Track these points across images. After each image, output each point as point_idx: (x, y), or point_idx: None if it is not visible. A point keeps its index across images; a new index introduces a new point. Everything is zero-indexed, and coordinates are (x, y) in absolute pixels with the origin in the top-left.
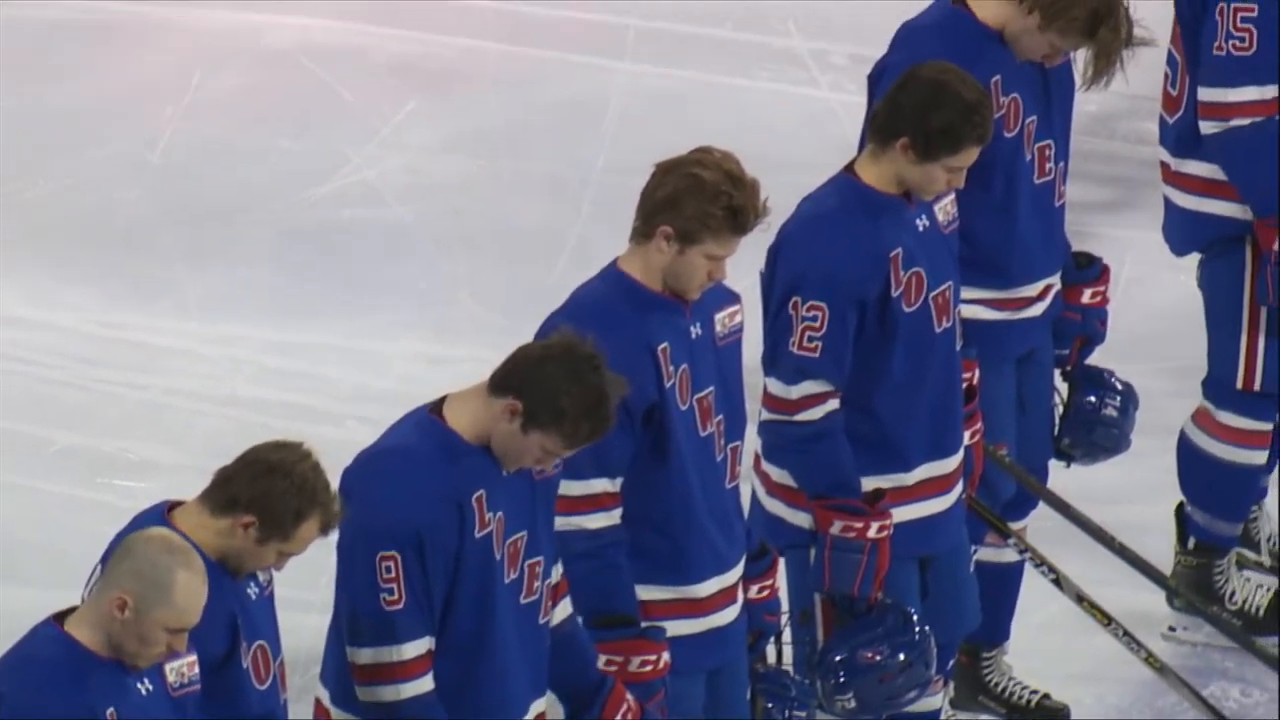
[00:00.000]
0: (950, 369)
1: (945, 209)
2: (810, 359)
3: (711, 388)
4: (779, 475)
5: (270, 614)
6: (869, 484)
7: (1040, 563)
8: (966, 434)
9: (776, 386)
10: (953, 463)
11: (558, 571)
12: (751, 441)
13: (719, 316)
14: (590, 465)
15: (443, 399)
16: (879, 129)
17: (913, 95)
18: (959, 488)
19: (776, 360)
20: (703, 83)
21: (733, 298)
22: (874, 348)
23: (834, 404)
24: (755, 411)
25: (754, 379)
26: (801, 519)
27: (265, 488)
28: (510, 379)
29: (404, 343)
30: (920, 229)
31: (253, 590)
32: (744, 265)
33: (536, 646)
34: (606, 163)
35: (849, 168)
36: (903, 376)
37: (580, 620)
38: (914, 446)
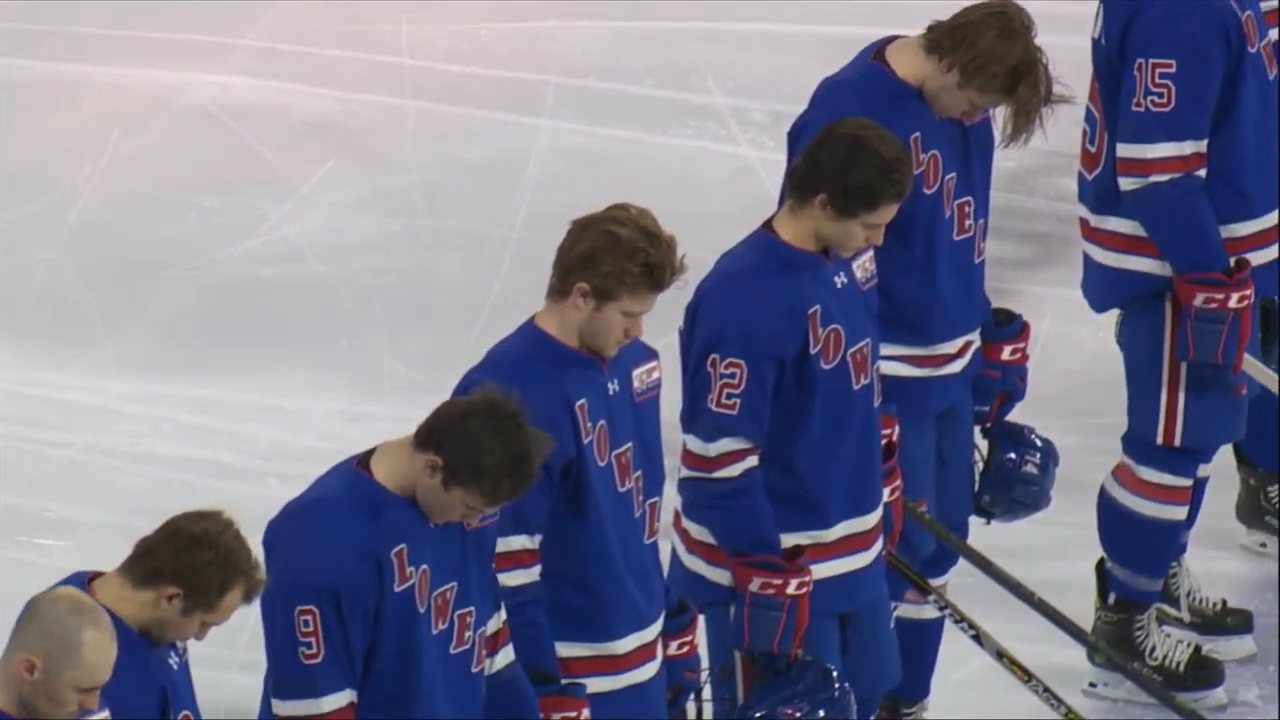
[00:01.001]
0: (869, 426)
1: (863, 266)
2: (729, 416)
3: (630, 444)
4: (698, 532)
5: (189, 681)
6: (788, 540)
7: (960, 619)
8: (886, 490)
9: (695, 444)
10: (872, 519)
11: (498, 619)
12: (670, 498)
13: (636, 373)
14: (509, 522)
15: (372, 450)
16: (797, 186)
17: (831, 152)
18: (879, 544)
19: (695, 417)
20: (622, 140)
21: (650, 354)
22: (793, 405)
23: (753, 461)
24: (674, 468)
25: (672, 435)
26: (721, 576)
27: (189, 560)
28: (433, 434)
29: (323, 400)
30: (838, 286)
31: (173, 660)
32: (662, 322)
33: (469, 695)
34: (526, 220)
35: (767, 225)
36: (821, 433)
37: (522, 668)
38: (833, 503)
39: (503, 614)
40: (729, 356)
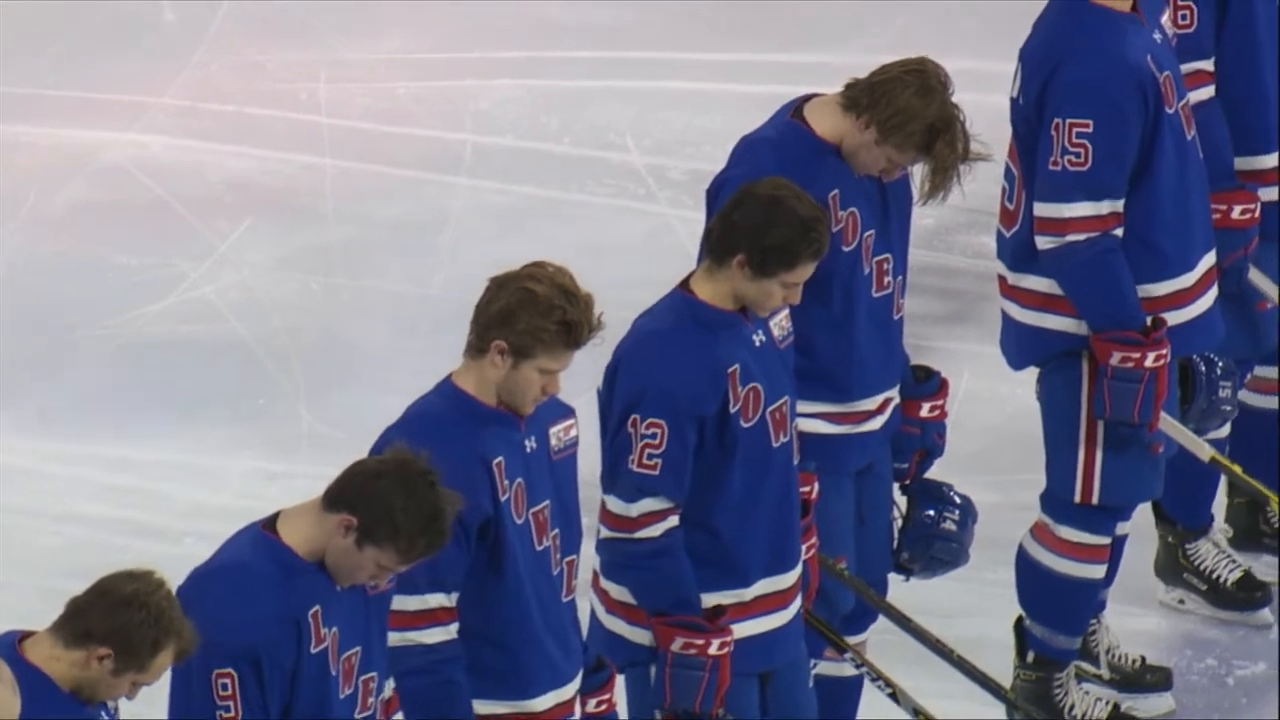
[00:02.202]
0: (788, 483)
1: (780, 324)
2: (650, 477)
3: (547, 501)
4: (618, 592)
5: None
6: (709, 600)
7: (877, 677)
8: (803, 547)
9: (616, 504)
10: (791, 577)
11: (390, 687)
12: (589, 556)
13: (554, 430)
14: (426, 580)
15: (276, 515)
16: (715, 246)
17: (748, 213)
18: (797, 602)
19: (616, 478)
20: (540, 198)
21: (567, 412)
22: (713, 464)
23: (674, 520)
24: (592, 526)
25: (590, 493)
26: (641, 636)
27: (121, 621)
28: (345, 494)
29: (242, 459)
30: (756, 344)
31: (104, 719)
32: (579, 379)
33: None
34: (444, 278)
35: (684, 285)
36: (741, 492)
37: None
38: (752, 561)
39: (392, 682)
40: (650, 417)
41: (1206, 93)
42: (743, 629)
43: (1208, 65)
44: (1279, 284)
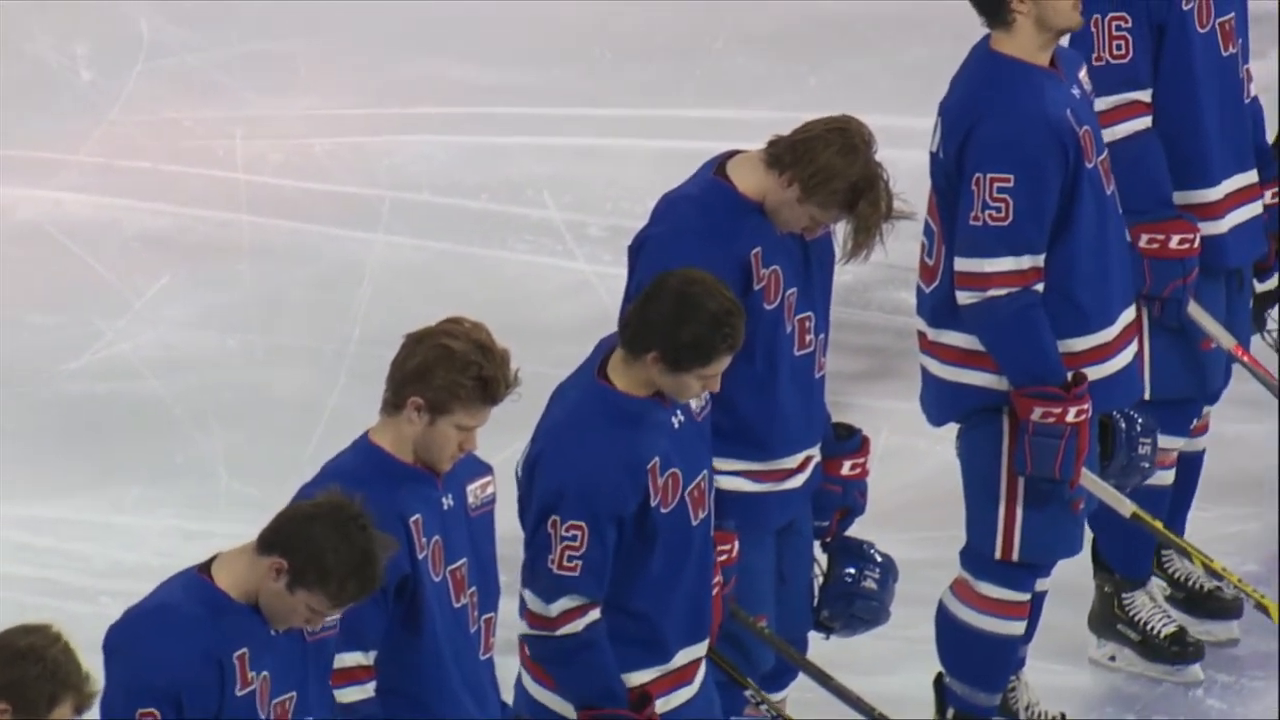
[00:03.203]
0: (705, 555)
1: (700, 398)
2: (570, 578)
3: (464, 559)
4: (534, 690)
5: None
6: (634, 679)
7: None
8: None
9: (535, 603)
10: (705, 645)
11: None
12: (507, 614)
13: (471, 488)
14: (343, 639)
15: (213, 558)
16: (629, 340)
17: (660, 308)
18: (703, 669)
19: (535, 576)
20: (458, 254)
21: (484, 469)
22: (634, 554)
23: (594, 614)
24: (509, 584)
25: (508, 550)
26: (565, 708)
27: (17, 674)
28: (277, 537)
29: (159, 518)
30: (675, 426)
31: None
32: (497, 436)
33: None
34: (362, 335)
35: (602, 370)
36: (662, 573)
37: None
38: (672, 634)
39: None
40: (570, 519)
41: (1143, 123)
42: (666, 703)
43: (1144, 96)
44: (1224, 322)
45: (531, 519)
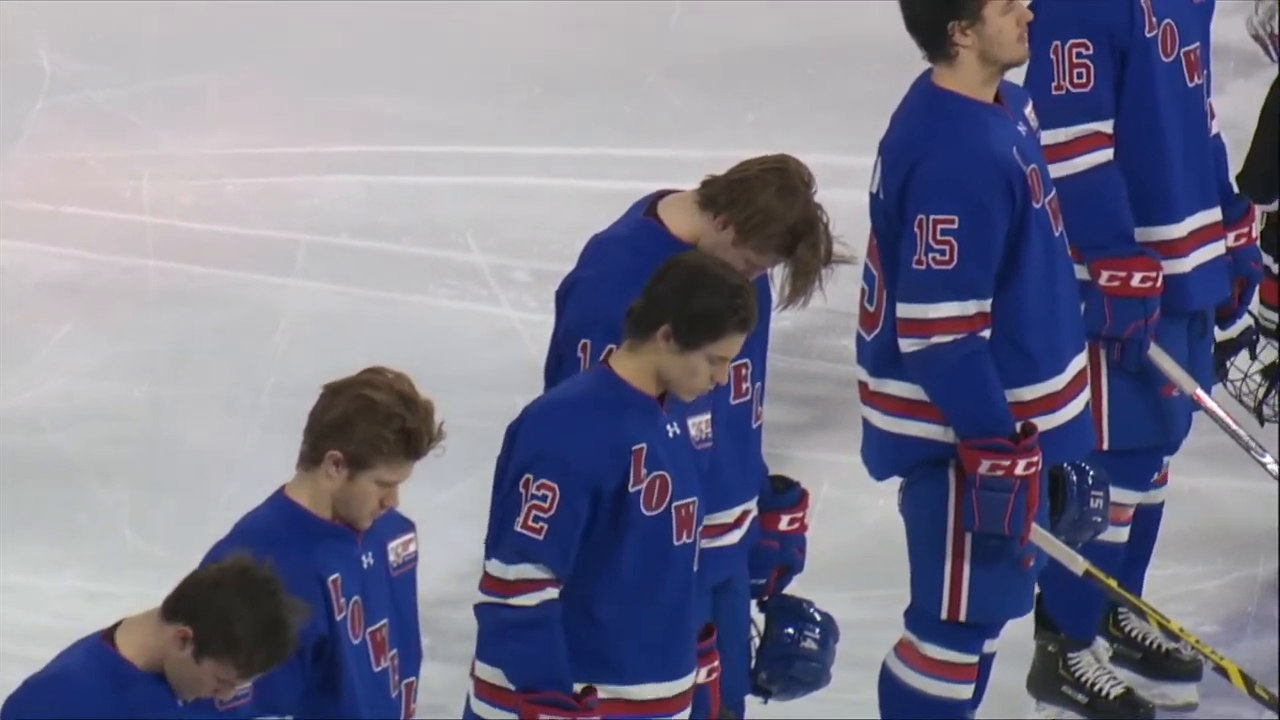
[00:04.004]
0: (686, 588)
1: (699, 425)
2: (533, 540)
3: (385, 620)
4: (490, 674)
5: None
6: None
7: None
8: (702, 671)
9: (495, 566)
10: (679, 686)
11: None
12: (428, 678)
13: (392, 545)
14: (257, 704)
15: (118, 623)
16: (638, 320)
17: (673, 281)
18: (685, 715)
19: (500, 539)
20: (378, 300)
21: (406, 525)
22: (603, 545)
23: (552, 593)
24: (431, 647)
25: (429, 612)
26: None
27: None
28: (182, 604)
29: (61, 578)
30: (670, 435)
31: None
32: (418, 491)
33: None
34: (276, 385)
35: (605, 361)
36: (632, 583)
37: None
38: (635, 662)
39: None
40: (543, 478)
41: (1104, 155)
42: None
43: (1105, 127)
44: (1185, 366)
45: (506, 481)
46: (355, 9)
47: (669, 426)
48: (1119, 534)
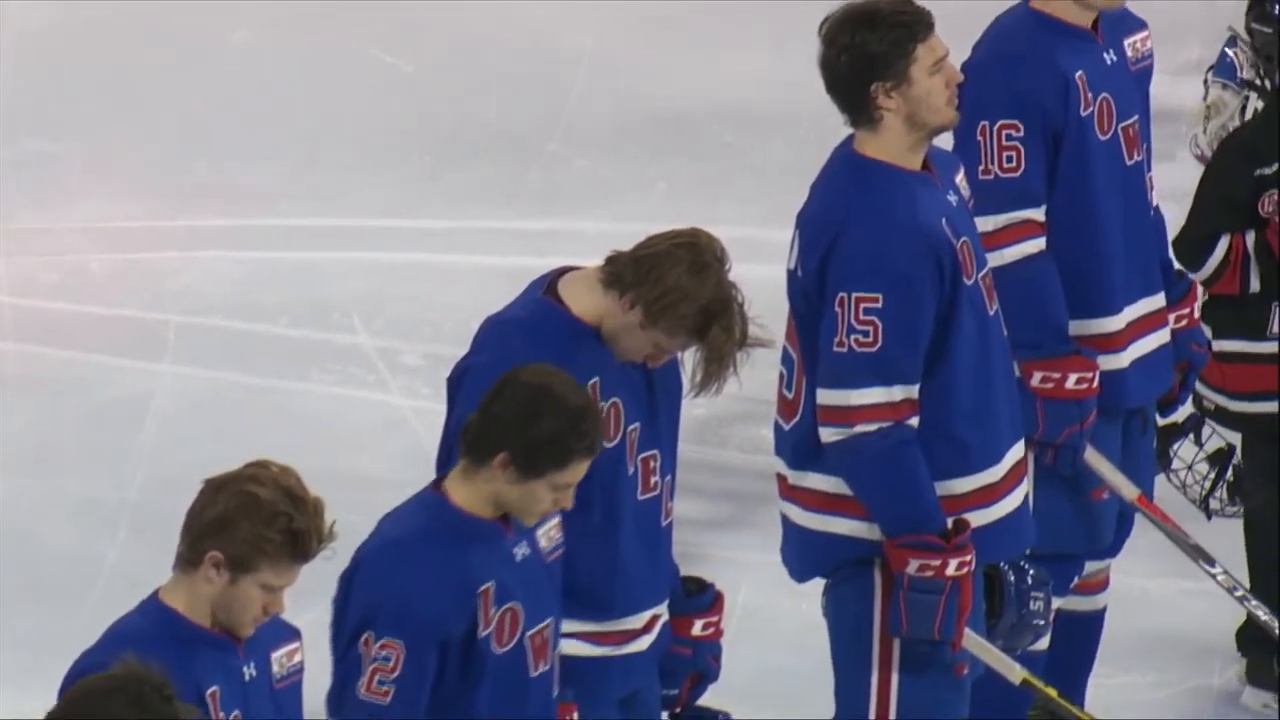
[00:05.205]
0: (548, 715)
1: (548, 534)
2: (379, 706)
3: None
4: None
5: None
6: None
7: None
8: None
9: None
10: None
11: None
12: None
13: (276, 655)
14: None
15: None
16: (473, 443)
17: (511, 403)
18: None
19: (342, 702)
20: (256, 387)
21: (291, 633)
22: (454, 695)
23: None
24: None
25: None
26: None
27: None
28: (69, 714)
29: None
30: (519, 558)
31: None
32: (304, 597)
33: None
34: (146, 480)
35: (438, 485)
36: None
37: None
38: None
39: None
40: (385, 636)
41: (1035, 245)
42: None
43: (1037, 214)
44: (1120, 466)
45: (344, 638)
46: (232, 71)
47: (516, 550)
48: (1039, 642)
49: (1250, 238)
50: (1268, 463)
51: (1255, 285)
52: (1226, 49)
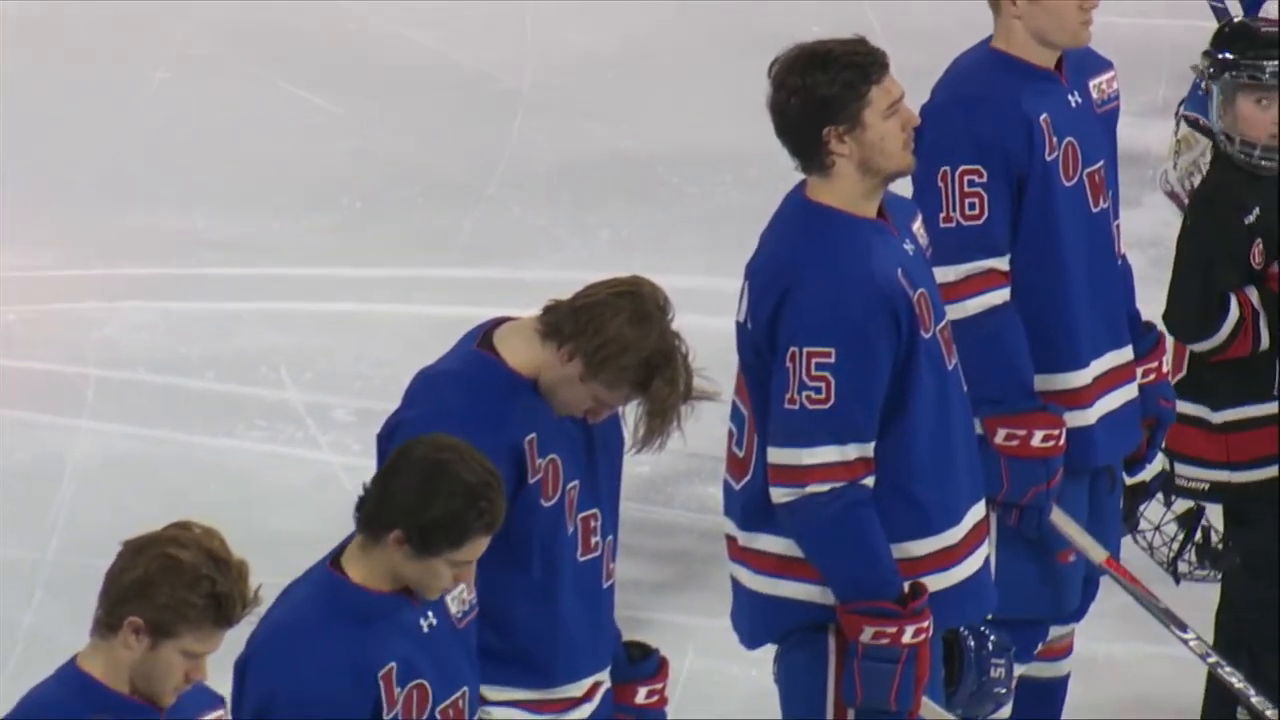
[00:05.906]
0: None
1: (459, 599)
2: None
3: None
4: None
5: None
6: None
7: None
8: None
9: None
10: None
11: None
12: None
13: None
14: None
15: None
16: (367, 521)
17: (404, 481)
18: None
19: None
20: (179, 444)
21: (215, 701)
22: None
23: None
24: None
25: None
26: None
27: None
28: None
29: None
30: (424, 629)
31: None
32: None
33: None
34: (63, 541)
35: (335, 560)
36: None
37: None
38: None
39: None
40: None
41: (999, 296)
42: None
43: (1001, 264)
44: (1086, 526)
45: None
46: (155, 112)
47: (422, 621)
48: (1000, 711)
49: (1254, 293)
50: (1269, 530)
51: (1265, 342)
52: (1199, 81)
